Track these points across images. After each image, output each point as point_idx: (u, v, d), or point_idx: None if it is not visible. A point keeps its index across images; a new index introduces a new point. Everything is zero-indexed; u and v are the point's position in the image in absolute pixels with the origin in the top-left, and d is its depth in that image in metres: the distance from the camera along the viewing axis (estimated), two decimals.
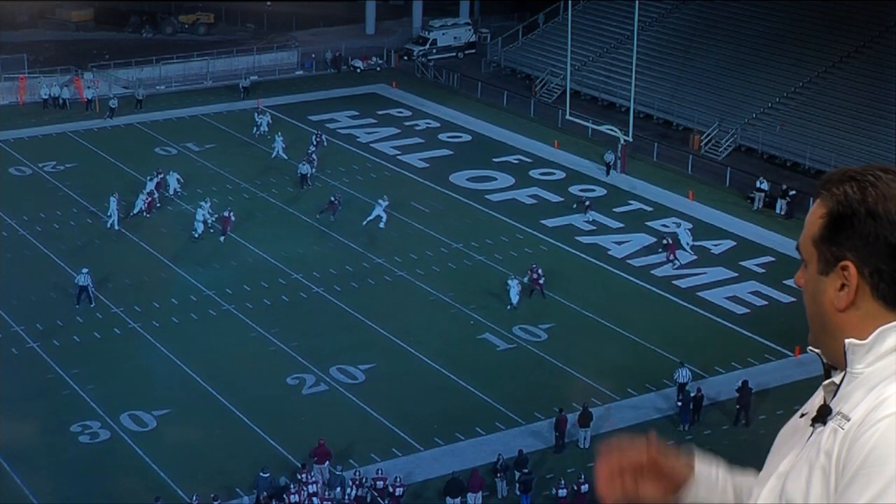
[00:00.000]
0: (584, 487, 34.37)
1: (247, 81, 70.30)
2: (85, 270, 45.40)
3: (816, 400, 3.35)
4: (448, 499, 34.40)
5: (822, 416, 3.18)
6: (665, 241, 50.62)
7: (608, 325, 44.23)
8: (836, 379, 3.25)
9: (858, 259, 3.20)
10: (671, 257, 49.66)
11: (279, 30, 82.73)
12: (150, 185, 54.58)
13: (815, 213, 3.30)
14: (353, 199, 55.65)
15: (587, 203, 54.57)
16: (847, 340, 3.20)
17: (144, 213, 53.19)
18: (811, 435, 3.21)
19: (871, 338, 3.18)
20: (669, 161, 61.11)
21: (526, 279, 46.34)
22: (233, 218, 51.15)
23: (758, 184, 56.35)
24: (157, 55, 74.30)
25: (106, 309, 44.95)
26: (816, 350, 3.35)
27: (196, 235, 50.86)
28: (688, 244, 50.67)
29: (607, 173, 59.12)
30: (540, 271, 46.53)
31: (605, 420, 38.45)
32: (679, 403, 38.73)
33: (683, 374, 39.67)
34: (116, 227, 51.78)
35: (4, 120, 65.32)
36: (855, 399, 3.14)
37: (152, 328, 43.70)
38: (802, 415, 3.36)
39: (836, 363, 3.29)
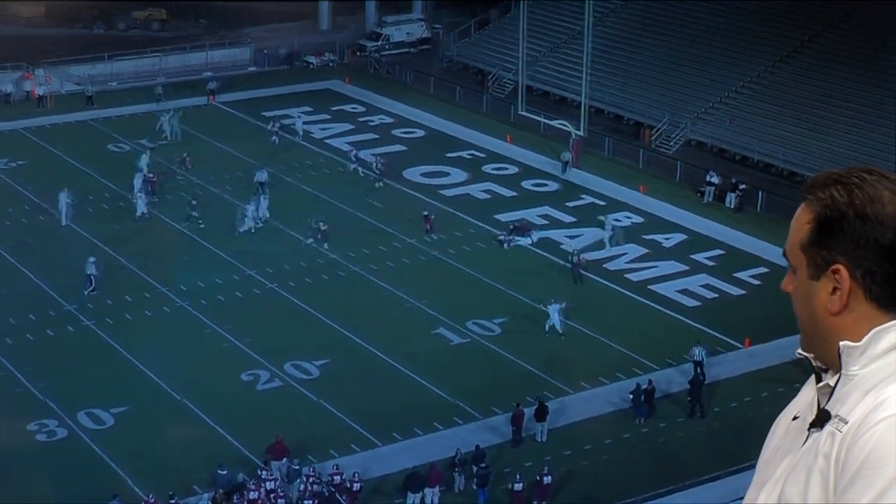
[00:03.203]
0: (547, 479, 34.69)
1: (213, 84, 69.75)
2: (92, 259, 45.42)
3: (804, 399, 3.38)
4: (409, 493, 34.59)
5: (821, 420, 3.19)
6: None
7: (561, 319, 44.48)
8: (831, 381, 3.24)
9: (849, 262, 3.20)
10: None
11: (232, 26, 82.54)
12: (138, 183, 54.33)
13: (802, 219, 3.30)
14: (308, 195, 55.73)
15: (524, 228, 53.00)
16: (841, 343, 3.20)
17: (146, 212, 53.00)
18: (807, 439, 3.23)
19: (865, 340, 3.18)
20: (621, 155, 61.57)
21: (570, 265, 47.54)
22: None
23: (708, 177, 56.91)
24: (109, 51, 73.92)
25: (59, 306, 44.81)
26: (807, 354, 3.36)
27: (246, 230, 50.99)
28: (608, 240, 50.95)
29: (563, 171, 59.41)
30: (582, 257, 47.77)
31: (560, 414, 38.81)
32: (631, 396, 39.06)
33: (697, 353, 40.36)
34: (65, 223, 51.60)
35: None
36: (851, 401, 3.15)
37: (106, 325, 43.61)
38: (795, 417, 3.38)
39: (829, 366, 3.29)
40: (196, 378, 40.33)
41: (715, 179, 56.79)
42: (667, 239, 52.09)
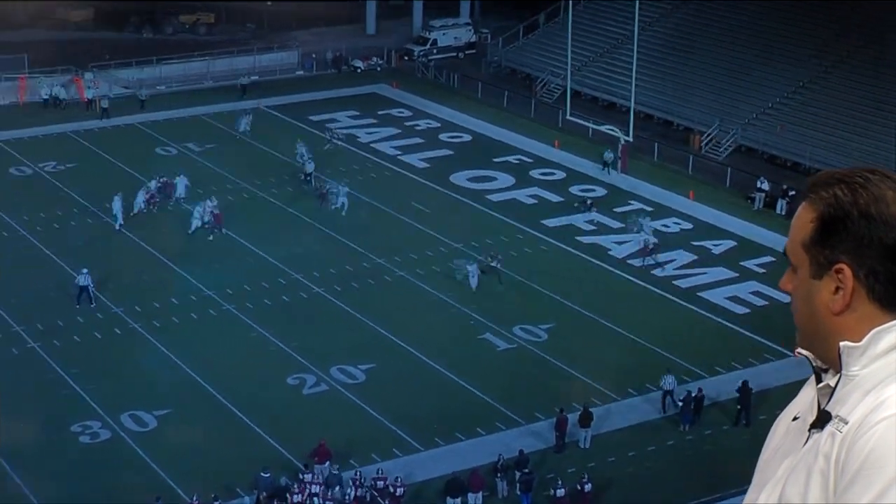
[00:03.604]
0: (587, 487, 34.37)
1: (246, 79, 70.46)
2: (85, 271, 45.40)
3: (804, 399, 3.36)
4: (448, 499, 34.40)
5: (822, 421, 3.18)
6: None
7: (608, 325, 44.23)
8: (831, 382, 3.24)
9: (853, 261, 3.19)
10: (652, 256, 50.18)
11: (279, 30, 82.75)
12: (153, 187, 54.41)
13: (804, 217, 3.28)
14: (353, 198, 55.64)
15: (590, 202, 54.79)
16: (842, 343, 3.19)
17: (144, 211, 53.15)
18: (808, 439, 3.22)
19: (865, 340, 3.17)
20: (670, 161, 61.11)
21: (494, 262, 47.27)
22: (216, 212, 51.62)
23: (758, 184, 56.35)
24: (157, 55, 74.33)
25: (106, 309, 44.96)
26: (806, 353, 3.35)
27: (189, 231, 50.91)
28: (645, 241, 50.47)
29: (606, 171, 59.13)
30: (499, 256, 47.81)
31: (605, 420, 38.46)
32: (681, 403, 38.67)
33: (669, 382, 39.59)
34: (121, 224, 51.66)
35: (4, 120, 65.34)
36: (852, 402, 3.13)
37: (153, 328, 43.70)
38: (795, 418, 3.36)
39: (829, 366, 3.28)
40: (241, 381, 40.30)
41: (765, 186, 56.23)
42: (716, 245, 51.60)
